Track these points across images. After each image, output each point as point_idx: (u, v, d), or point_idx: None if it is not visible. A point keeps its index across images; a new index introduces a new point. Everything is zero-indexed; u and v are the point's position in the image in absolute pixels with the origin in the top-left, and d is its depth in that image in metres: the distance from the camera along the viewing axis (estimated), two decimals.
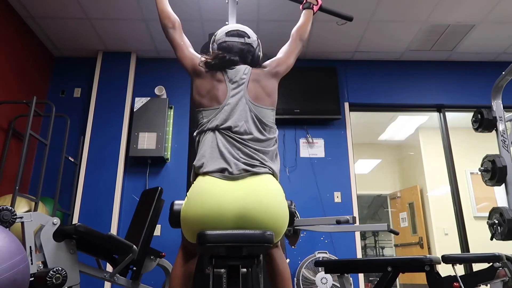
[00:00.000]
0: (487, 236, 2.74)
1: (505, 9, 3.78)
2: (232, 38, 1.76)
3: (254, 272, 1.38)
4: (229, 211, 1.38)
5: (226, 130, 1.57)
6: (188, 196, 1.46)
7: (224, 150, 1.53)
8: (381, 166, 7.43)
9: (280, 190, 1.50)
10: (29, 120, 3.28)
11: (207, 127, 1.60)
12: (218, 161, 1.50)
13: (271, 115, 1.68)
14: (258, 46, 1.81)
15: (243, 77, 1.68)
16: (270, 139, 1.62)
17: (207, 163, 1.51)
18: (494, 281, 2.07)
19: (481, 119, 2.94)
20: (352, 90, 4.50)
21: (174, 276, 1.54)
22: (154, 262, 2.55)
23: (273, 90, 1.73)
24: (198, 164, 1.54)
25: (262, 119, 1.63)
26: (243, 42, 1.76)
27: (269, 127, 1.64)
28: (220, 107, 1.61)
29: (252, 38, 1.79)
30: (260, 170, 1.50)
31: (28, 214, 1.94)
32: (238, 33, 1.77)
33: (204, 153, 1.55)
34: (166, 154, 4.07)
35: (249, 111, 1.62)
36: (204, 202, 1.40)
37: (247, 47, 1.76)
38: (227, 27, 1.82)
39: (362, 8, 3.75)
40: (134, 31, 4.09)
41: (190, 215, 1.41)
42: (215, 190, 1.43)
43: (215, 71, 1.69)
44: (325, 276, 3.46)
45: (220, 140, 1.55)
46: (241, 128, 1.57)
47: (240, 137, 1.56)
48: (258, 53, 1.81)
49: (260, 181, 1.47)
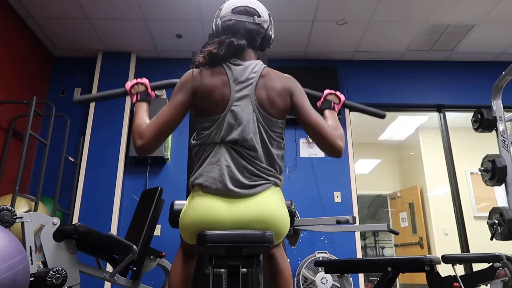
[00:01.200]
0: (487, 236, 2.74)
1: (505, 9, 3.78)
2: (239, 16, 1.49)
3: (254, 272, 1.38)
4: (227, 221, 1.34)
5: (232, 144, 1.38)
6: (187, 206, 1.42)
7: (226, 171, 1.35)
8: (381, 166, 7.43)
9: (281, 200, 1.43)
10: (29, 120, 3.29)
11: (209, 140, 1.40)
12: (219, 184, 1.35)
13: (281, 127, 1.47)
14: (269, 26, 1.54)
15: (251, 76, 1.44)
16: (278, 156, 1.44)
17: (207, 182, 1.36)
18: (494, 281, 2.07)
19: (481, 119, 2.93)
20: (352, 90, 4.50)
21: (173, 276, 1.53)
22: (154, 262, 2.55)
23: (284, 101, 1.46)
24: (196, 182, 1.38)
25: (270, 133, 1.42)
26: (252, 21, 1.49)
27: (277, 142, 1.44)
28: (223, 115, 1.39)
29: (262, 17, 1.52)
30: (264, 188, 1.38)
31: (28, 214, 1.94)
32: (246, 10, 1.50)
33: (202, 172, 1.38)
34: (166, 154, 4.07)
35: (257, 122, 1.40)
36: (202, 213, 1.35)
37: (256, 28, 1.49)
38: (234, 2, 1.53)
39: (362, 8, 3.75)
40: (134, 31, 4.09)
41: (187, 222, 1.40)
42: (214, 205, 1.35)
43: (217, 68, 1.45)
44: (325, 276, 3.45)
45: (223, 158, 1.37)
46: (250, 142, 1.37)
47: (247, 153, 1.38)
48: (269, 34, 1.54)
49: (263, 197, 1.38)
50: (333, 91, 1.71)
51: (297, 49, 4.41)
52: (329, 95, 1.68)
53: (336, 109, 1.65)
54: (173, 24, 3.98)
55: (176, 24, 3.97)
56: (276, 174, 1.43)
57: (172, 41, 4.25)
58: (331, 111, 1.63)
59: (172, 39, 4.21)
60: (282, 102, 1.45)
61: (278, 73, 1.51)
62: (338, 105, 1.67)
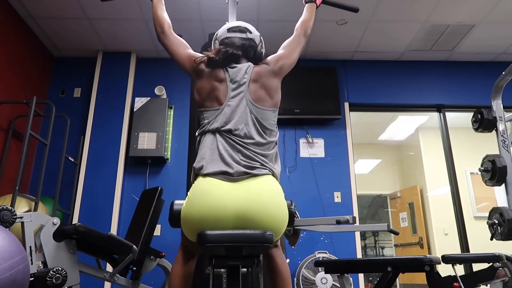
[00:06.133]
0: (487, 236, 2.74)
1: (505, 9, 3.78)
2: (234, 34, 1.74)
3: (254, 272, 1.38)
4: (229, 210, 1.38)
5: (227, 132, 1.56)
6: (189, 196, 1.46)
7: (224, 153, 1.51)
8: (381, 166, 7.43)
9: (280, 190, 1.49)
10: (29, 120, 3.28)
11: (208, 128, 1.59)
12: (218, 164, 1.49)
13: (273, 117, 1.65)
14: (260, 43, 1.77)
15: (244, 76, 1.65)
16: (270, 142, 1.59)
17: (207, 165, 1.50)
18: (494, 281, 2.07)
19: (481, 119, 2.94)
20: (352, 90, 4.50)
21: (173, 275, 1.54)
22: (154, 262, 2.55)
23: (276, 89, 1.69)
24: (198, 166, 1.53)
25: (262, 122, 1.60)
26: (245, 37, 1.73)
27: (270, 130, 1.61)
28: (221, 108, 1.60)
29: (254, 34, 1.76)
30: (261, 172, 1.49)
31: (28, 214, 1.94)
32: (239, 28, 1.75)
33: (204, 155, 1.54)
34: (166, 154, 4.07)
35: (250, 113, 1.59)
36: (204, 202, 1.40)
37: (248, 42, 1.73)
38: (228, 24, 1.80)
39: (362, 8, 3.75)
40: (134, 31, 4.09)
41: (190, 215, 1.41)
42: (215, 191, 1.43)
43: (217, 70, 1.66)
44: (325, 276, 3.46)
45: (220, 143, 1.54)
46: (241, 132, 1.55)
47: (240, 140, 1.54)
48: (260, 50, 1.76)
49: (260, 182, 1.47)
50: None
51: None
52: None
53: (317, 3, 1.99)
54: (173, 24, 3.94)
55: (176, 24, 3.93)
56: (272, 162, 1.56)
57: None
58: (312, 4, 1.97)
59: None
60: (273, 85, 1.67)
61: (262, 66, 1.71)
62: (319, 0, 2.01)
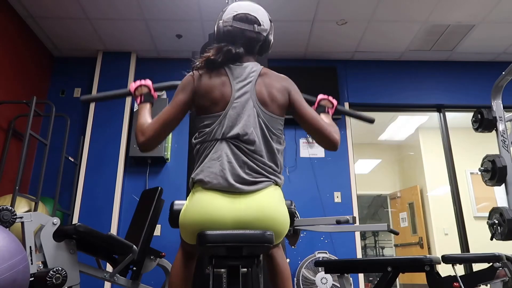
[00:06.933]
0: (487, 236, 2.74)
1: (505, 9, 3.78)
2: (240, 24, 1.52)
3: (254, 272, 1.38)
4: (228, 219, 1.35)
5: (233, 139, 1.41)
6: (187, 204, 1.42)
7: (227, 166, 1.38)
8: (381, 166, 7.43)
9: (281, 199, 1.45)
10: (29, 120, 3.29)
11: (211, 137, 1.43)
12: (219, 178, 1.37)
13: (280, 124, 1.51)
14: (270, 31, 1.59)
15: (250, 75, 1.49)
16: (278, 151, 1.48)
17: (207, 179, 1.38)
18: (494, 281, 2.07)
19: (481, 119, 2.93)
20: (352, 90, 4.50)
21: (173, 275, 1.53)
22: (154, 262, 2.55)
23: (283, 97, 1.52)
24: (197, 178, 1.40)
25: (270, 128, 1.46)
26: (252, 30, 1.53)
27: (277, 137, 1.49)
28: (224, 112, 1.43)
29: (262, 26, 1.55)
30: (264, 185, 1.40)
31: (28, 214, 1.94)
32: (247, 17, 1.53)
33: (203, 168, 1.40)
34: (166, 154, 4.07)
35: (257, 117, 1.45)
36: (202, 211, 1.35)
37: (256, 36, 1.54)
38: (236, 7, 1.56)
39: (362, 8, 3.75)
40: (134, 31, 4.09)
41: (188, 221, 1.40)
42: (215, 202, 1.36)
43: (217, 70, 1.50)
44: (325, 276, 3.45)
45: (225, 154, 1.40)
46: (250, 136, 1.41)
47: (248, 149, 1.41)
48: (269, 39, 1.59)
49: (263, 196, 1.39)
50: (326, 96, 1.80)
51: (297, 49, 4.41)
52: (322, 100, 1.78)
53: (330, 113, 1.74)
54: (173, 24, 3.98)
55: (176, 24, 3.97)
56: (277, 171, 1.47)
57: (172, 41, 4.25)
58: (326, 114, 1.73)
59: (172, 39, 4.21)
60: (281, 98, 1.51)
61: (275, 73, 1.58)
62: (332, 109, 1.76)
